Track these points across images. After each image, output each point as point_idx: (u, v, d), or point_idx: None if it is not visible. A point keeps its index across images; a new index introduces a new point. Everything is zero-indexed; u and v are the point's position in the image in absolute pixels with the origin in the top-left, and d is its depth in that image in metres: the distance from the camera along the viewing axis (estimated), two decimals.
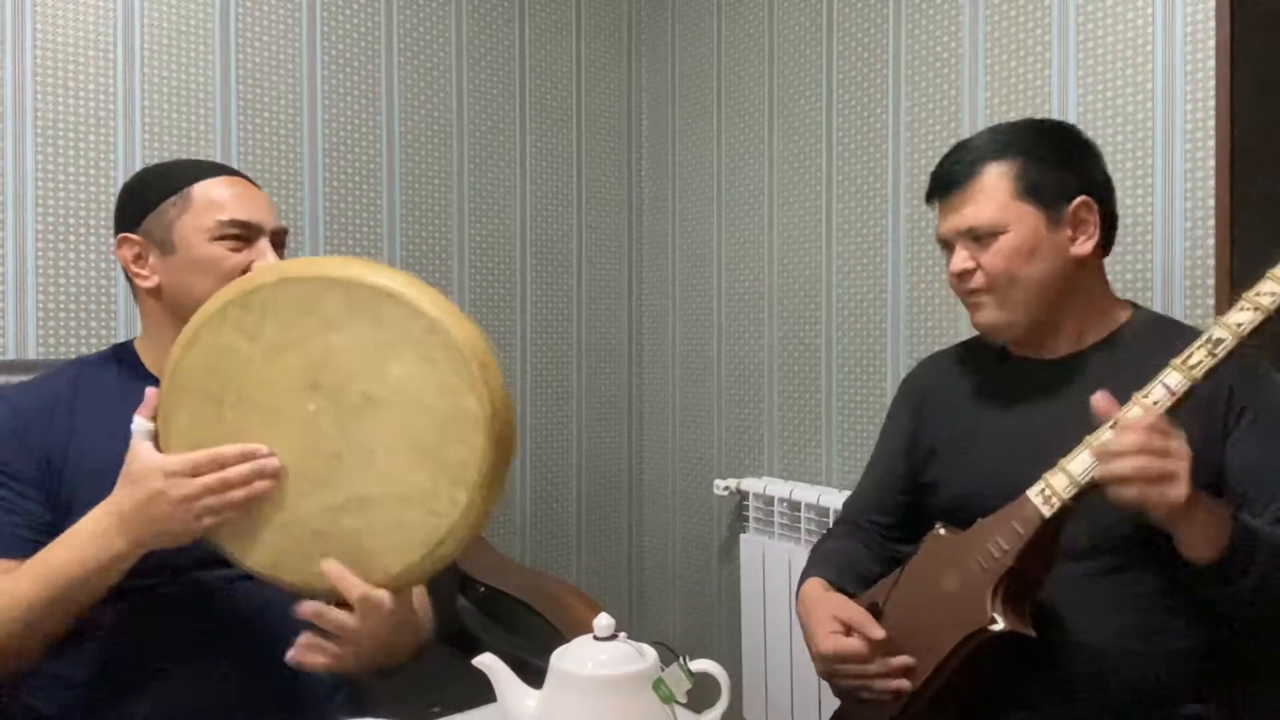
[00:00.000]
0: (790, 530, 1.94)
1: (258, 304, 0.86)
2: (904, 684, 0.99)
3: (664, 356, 2.40)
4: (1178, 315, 1.44)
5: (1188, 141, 1.43)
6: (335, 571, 0.87)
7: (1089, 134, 1.11)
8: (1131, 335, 1.07)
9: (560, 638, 0.95)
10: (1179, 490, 0.82)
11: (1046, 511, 0.91)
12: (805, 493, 1.90)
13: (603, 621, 0.83)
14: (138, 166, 1.69)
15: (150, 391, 0.91)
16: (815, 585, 1.15)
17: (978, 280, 1.06)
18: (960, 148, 1.11)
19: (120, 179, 1.68)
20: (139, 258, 1.08)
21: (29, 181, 1.61)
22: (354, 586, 0.87)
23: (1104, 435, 0.88)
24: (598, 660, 0.80)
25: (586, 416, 2.35)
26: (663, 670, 0.81)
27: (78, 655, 1.00)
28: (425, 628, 1.13)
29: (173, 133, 1.73)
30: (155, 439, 0.90)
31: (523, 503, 2.23)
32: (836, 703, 1.14)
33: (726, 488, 2.12)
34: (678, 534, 2.37)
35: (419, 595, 1.12)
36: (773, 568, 1.95)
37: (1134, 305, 1.14)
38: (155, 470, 0.87)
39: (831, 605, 1.07)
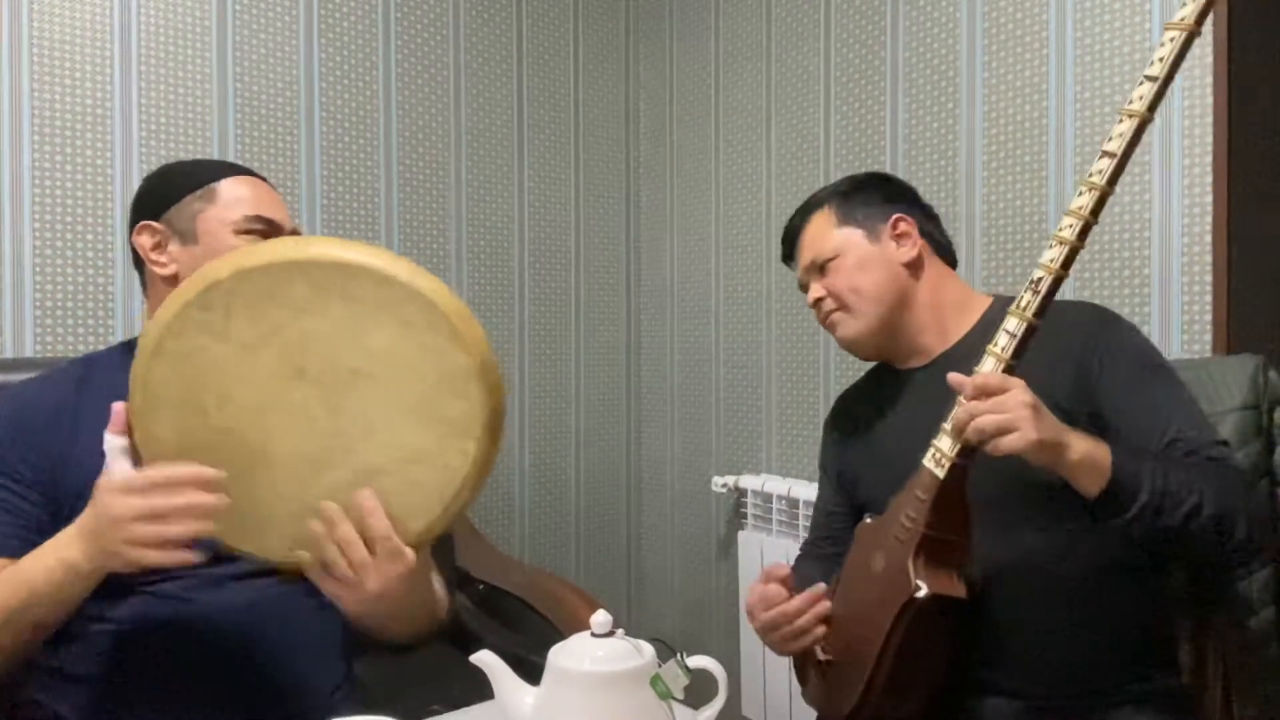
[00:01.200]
0: (788, 527, 1.95)
1: (218, 302, 0.84)
2: (822, 608, 1.07)
3: (662, 354, 2.40)
4: (1175, 313, 1.45)
5: (1185, 138, 1.43)
6: (369, 505, 0.86)
7: (1086, 133, 1.11)
8: (992, 320, 1.14)
9: (559, 635, 0.95)
10: (1025, 433, 0.89)
11: (940, 473, 0.97)
12: (803, 490, 1.90)
13: (600, 618, 0.83)
14: (135, 165, 1.69)
15: (117, 407, 0.88)
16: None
17: (829, 302, 1.22)
18: (794, 214, 1.28)
19: (117, 177, 1.68)
20: (158, 246, 1.09)
21: (25, 180, 1.61)
22: (381, 524, 0.86)
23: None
24: (595, 657, 0.80)
25: (585, 414, 2.35)
26: (660, 667, 0.82)
27: (85, 651, 1.00)
28: (441, 605, 1.13)
29: (170, 131, 1.73)
30: (135, 454, 0.88)
31: (521, 500, 2.23)
32: None
33: (724, 485, 2.12)
34: (676, 531, 2.37)
35: (437, 580, 1.13)
36: (770, 564, 1.95)
37: (996, 297, 1.22)
38: (105, 484, 0.85)
39: (760, 577, 1.16)
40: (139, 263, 1.11)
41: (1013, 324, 0.95)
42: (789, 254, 1.29)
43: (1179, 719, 1.03)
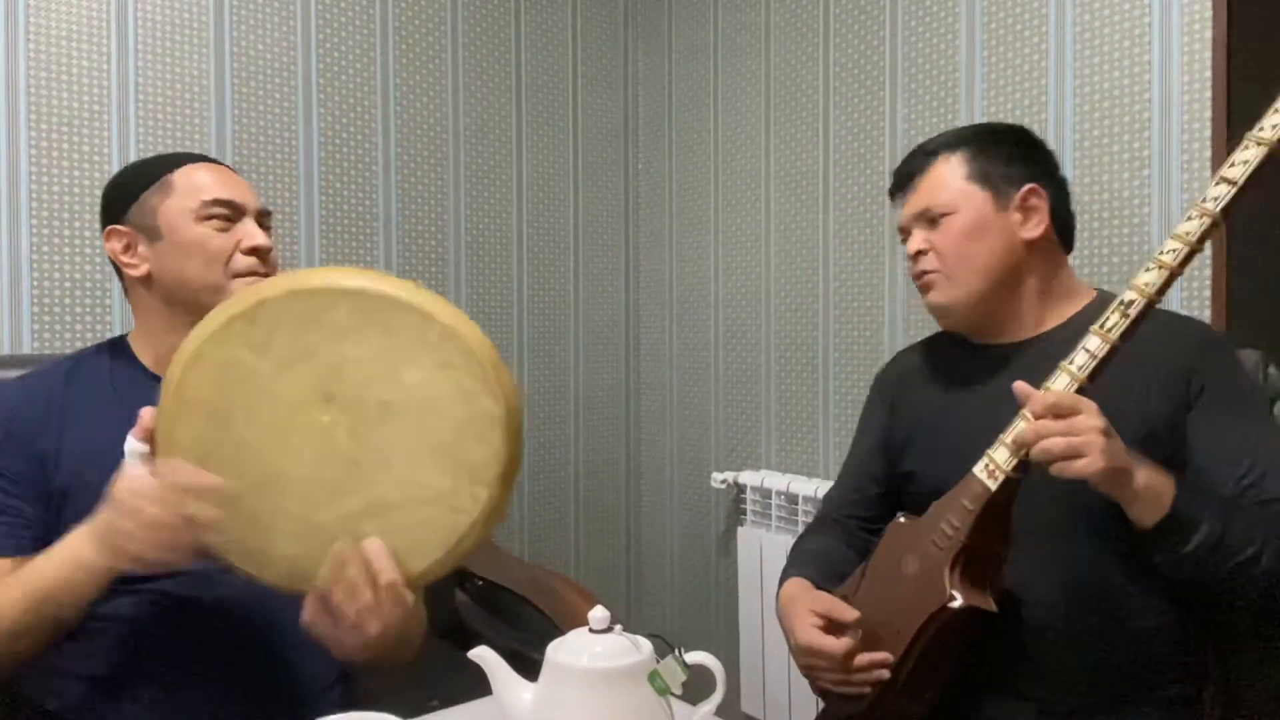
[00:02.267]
0: (787, 523, 1.95)
1: (265, 318, 0.85)
2: (882, 674, 1.00)
3: (661, 350, 2.40)
4: (1174, 307, 1.44)
5: (1185, 134, 1.42)
6: (375, 550, 0.86)
7: (1085, 128, 1.11)
8: (1090, 315, 1.09)
9: (557, 631, 0.95)
10: (1092, 461, 0.86)
11: (991, 485, 0.94)
12: (802, 485, 1.90)
13: (598, 614, 0.83)
14: (132, 160, 1.68)
15: (145, 411, 0.88)
16: (795, 584, 1.17)
17: (931, 260, 1.12)
18: (917, 147, 1.18)
19: (115, 172, 1.68)
20: (128, 248, 1.09)
21: (23, 175, 1.60)
22: (387, 570, 0.86)
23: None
24: (593, 653, 0.80)
25: (584, 410, 2.34)
26: (658, 663, 0.81)
27: (83, 649, 1.00)
28: (422, 633, 1.13)
29: (167, 125, 1.73)
30: (153, 460, 0.88)
31: (521, 497, 2.23)
32: None
33: (724, 481, 2.12)
34: (675, 527, 2.37)
35: (416, 607, 1.12)
36: (770, 560, 1.95)
37: (1100, 291, 1.16)
38: (128, 487, 0.86)
39: (808, 600, 1.09)
40: (117, 268, 1.11)
41: (1094, 344, 0.90)
42: (900, 189, 1.17)
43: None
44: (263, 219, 1.11)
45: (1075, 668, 1.02)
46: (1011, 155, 1.12)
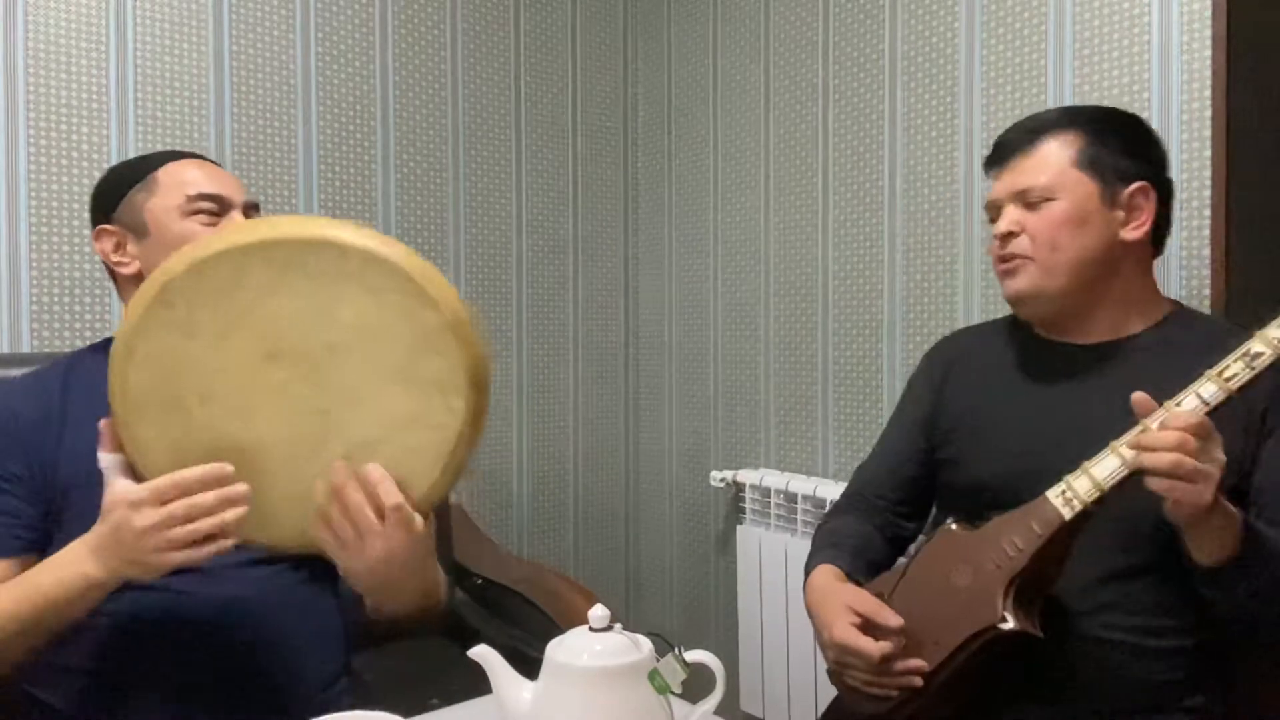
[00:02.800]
0: (787, 522, 1.95)
1: (178, 297, 0.83)
2: (915, 681, 0.98)
3: (660, 348, 2.40)
4: None
5: (1184, 131, 1.42)
6: (376, 475, 0.86)
7: None
8: (1171, 331, 1.06)
9: (557, 629, 0.95)
10: (1205, 493, 0.83)
11: (1067, 514, 0.91)
12: (802, 484, 1.90)
13: (598, 613, 0.83)
14: (132, 157, 1.68)
15: (103, 423, 0.88)
16: (827, 574, 1.12)
17: (1021, 243, 1.05)
18: (1026, 119, 1.10)
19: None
20: (118, 247, 1.10)
21: (21, 173, 1.60)
22: (391, 493, 0.86)
23: (1133, 436, 0.88)
24: (593, 651, 0.80)
25: (583, 408, 2.34)
26: (658, 661, 0.81)
27: (83, 644, 1.00)
28: (439, 585, 1.12)
29: (166, 123, 1.73)
30: (130, 466, 0.87)
31: (520, 494, 2.23)
32: (833, 692, 1.14)
33: (723, 479, 2.12)
34: (675, 525, 2.37)
35: (435, 565, 1.12)
36: (769, 559, 1.95)
37: (1177, 304, 1.12)
38: (119, 500, 0.85)
39: (846, 595, 1.05)
40: (109, 269, 1.11)
41: (1209, 391, 0.86)
42: (1000, 162, 1.10)
43: None
44: (250, 212, 1.11)
45: (1105, 679, 1.00)
46: (1126, 147, 1.05)
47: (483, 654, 0.85)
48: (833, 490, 1.80)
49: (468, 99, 2.11)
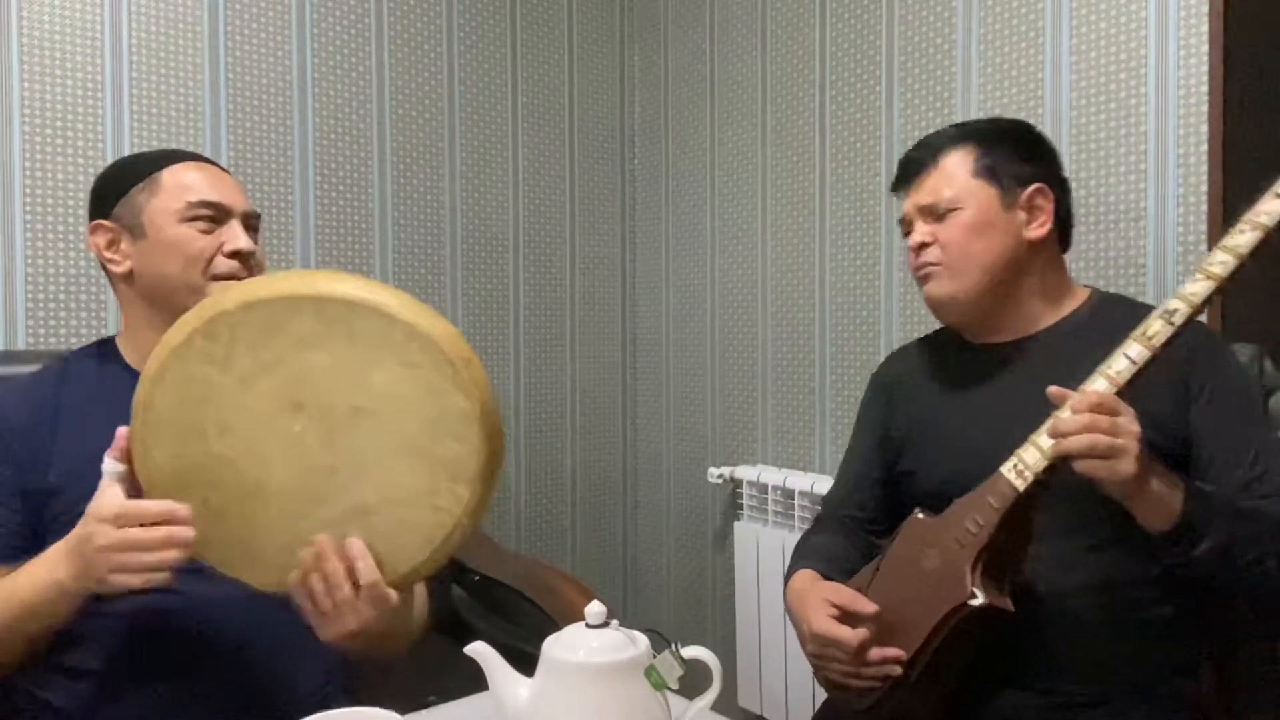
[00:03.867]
0: (784, 518, 1.95)
1: (223, 331, 0.84)
2: (894, 670, 1.00)
3: (658, 345, 2.40)
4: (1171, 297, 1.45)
5: (1181, 128, 1.42)
6: (356, 550, 0.86)
7: (1082, 121, 1.11)
8: (1088, 314, 1.12)
9: (555, 626, 0.95)
10: (1127, 465, 0.87)
11: (1020, 485, 0.94)
12: (799, 480, 1.90)
13: (594, 609, 0.83)
14: (137, 153, 1.68)
15: (120, 431, 0.89)
16: (805, 576, 1.16)
17: (933, 253, 1.12)
18: (924, 140, 1.18)
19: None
20: (112, 243, 1.09)
21: (16, 172, 1.60)
22: (368, 571, 0.87)
23: (1064, 413, 0.92)
24: (589, 648, 0.80)
25: (580, 405, 2.34)
26: (655, 657, 0.82)
27: (79, 643, 1.00)
28: (419, 624, 1.13)
29: (161, 122, 1.72)
30: (132, 480, 0.88)
31: (517, 491, 2.23)
32: None
33: (720, 476, 2.12)
34: (672, 522, 2.37)
35: (419, 591, 1.12)
36: (767, 555, 1.95)
37: (1096, 291, 1.17)
38: (93, 512, 0.86)
39: (823, 590, 1.09)
40: (102, 263, 1.11)
41: (1134, 350, 0.90)
42: (905, 182, 1.17)
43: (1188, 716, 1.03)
44: (249, 221, 1.11)
45: (1082, 660, 1.03)
46: (1019, 153, 1.12)
47: (480, 651, 0.85)
48: (829, 486, 1.80)
49: (464, 97, 2.11)
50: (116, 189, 1.09)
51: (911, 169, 1.16)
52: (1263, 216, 0.88)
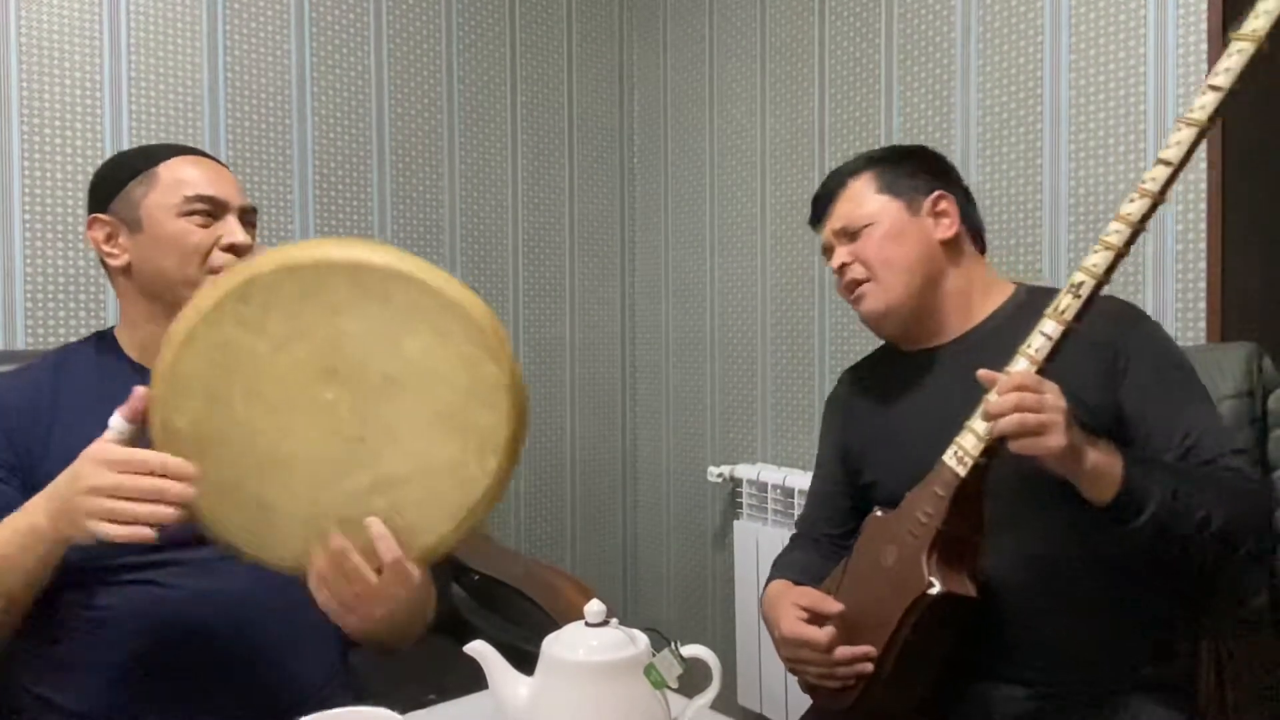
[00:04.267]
0: (784, 516, 1.95)
1: (257, 295, 0.83)
2: (866, 668, 1.02)
3: (657, 344, 2.40)
4: (1169, 300, 1.45)
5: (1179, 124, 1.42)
6: (378, 531, 0.86)
7: (1081, 120, 1.11)
8: (1014, 307, 1.15)
9: (554, 624, 0.95)
10: (1056, 439, 0.89)
11: (961, 471, 0.96)
12: (798, 479, 1.90)
13: (594, 608, 0.83)
14: (135, 148, 1.68)
15: (138, 391, 0.86)
16: (777, 585, 1.21)
17: (857, 270, 1.18)
18: (830, 174, 1.25)
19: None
20: (110, 237, 1.09)
21: (15, 169, 1.60)
22: (391, 550, 0.86)
23: (993, 396, 0.95)
24: (589, 646, 0.80)
25: (580, 404, 2.34)
26: (654, 656, 0.82)
27: (77, 639, 1.00)
28: (430, 612, 1.13)
29: (160, 119, 1.72)
30: (135, 443, 0.86)
31: (517, 490, 2.23)
32: None
33: (720, 475, 2.12)
34: (672, 521, 2.37)
35: (425, 583, 1.13)
36: (766, 554, 1.95)
37: (1023, 285, 1.20)
38: (91, 453, 0.84)
39: (792, 595, 1.12)
40: (101, 258, 1.11)
41: (1049, 326, 0.93)
42: (819, 217, 1.25)
43: (1177, 707, 1.04)
44: (247, 216, 1.11)
45: (1058, 649, 1.04)
46: (916, 169, 1.19)
47: (479, 650, 0.85)
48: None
49: (463, 94, 2.11)
50: (114, 183, 1.09)
51: (823, 201, 1.24)
52: (1149, 183, 0.91)
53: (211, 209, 1.07)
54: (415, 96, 2.04)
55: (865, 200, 1.18)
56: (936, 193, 1.17)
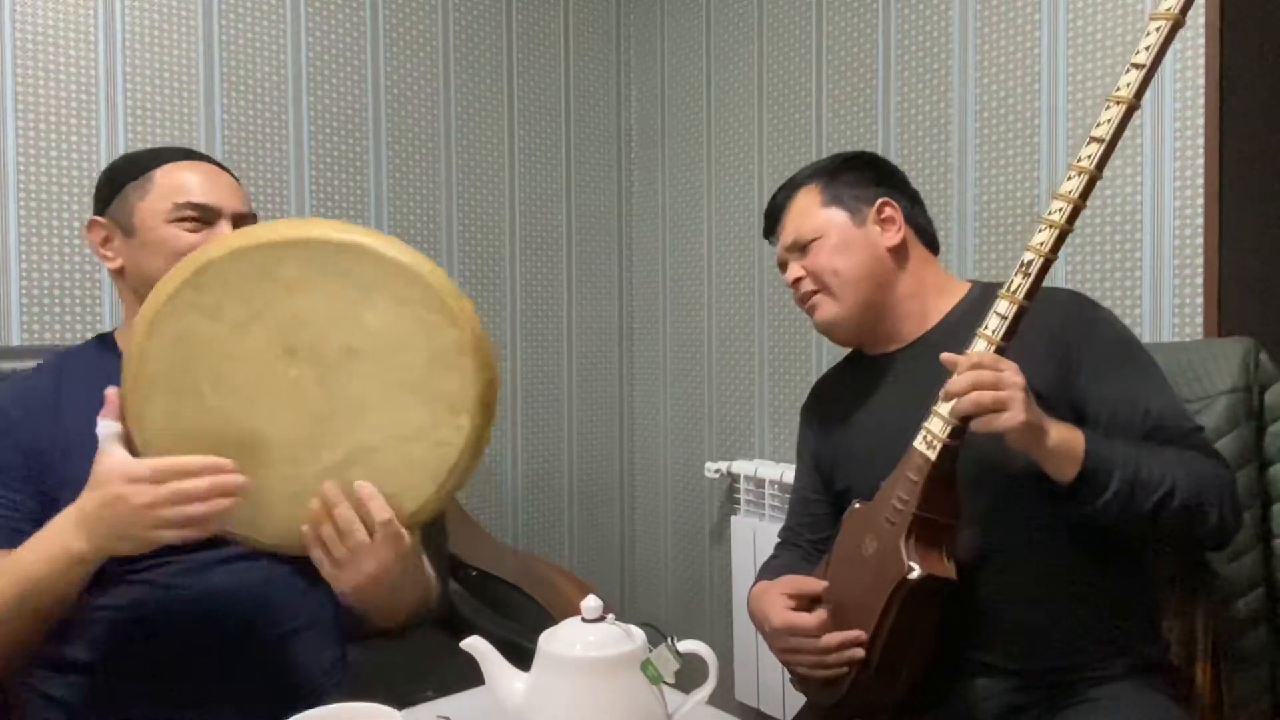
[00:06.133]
0: (781, 512, 1.95)
1: (211, 281, 0.84)
2: (856, 653, 1.03)
3: (654, 340, 2.40)
4: (1167, 296, 1.45)
5: (1177, 123, 1.42)
6: (366, 492, 0.87)
7: (1079, 115, 1.10)
8: (969, 305, 1.17)
9: (551, 620, 0.95)
10: (1015, 414, 0.90)
11: (931, 455, 0.98)
12: None
13: (590, 603, 0.83)
14: (121, 152, 1.67)
15: (110, 392, 0.88)
16: (761, 585, 1.22)
17: (808, 283, 1.20)
18: (778, 189, 1.27)
19: (103, 164, 1.66)
20: (106, 240, 1.10)
21: (10, 167, 1.59)
22: (381, 509, 0.87)
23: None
24: (585, 642, 0.80)
25: (578, 400, 2.34)
26: (651, 651, 0.82)
27: (80, 638, 1.00)
28: (431, 589, 1.14)
29: (156, 117, 1.72)
30: (128, 439, 0.88)
31: (514, 486, 2.23)
32: None
33: (718, 470, 2.12)
34: (669, 516, 2.37)
35: (427, 564, 1.13)
36: (764, 549, 1.95)
37: (977, 283, 1.22)
38: (117, 473, 0.85)
39: (778, 587, 1.13)
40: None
41: (1003, 306, 0.96)
42: (771, 230, 1.28)
43: (1163, 692, 1.04)
44: (241, 222, 1.11)
45: (1037, 637, 1.05)
46: (859, 178, 1.21)
47: (476, 645, 0.85)
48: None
49: (459, 91, 2.11)
50: (112, 187, 1.11)
51: (773, 215, 1.26)
52: (1084, 160, 0.94)
53: (202, 216, 1.08)
54: (412, 93, 2.03)
55: (811, 214, 1.20)
56: (880, 200, 1.19)
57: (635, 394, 2.45)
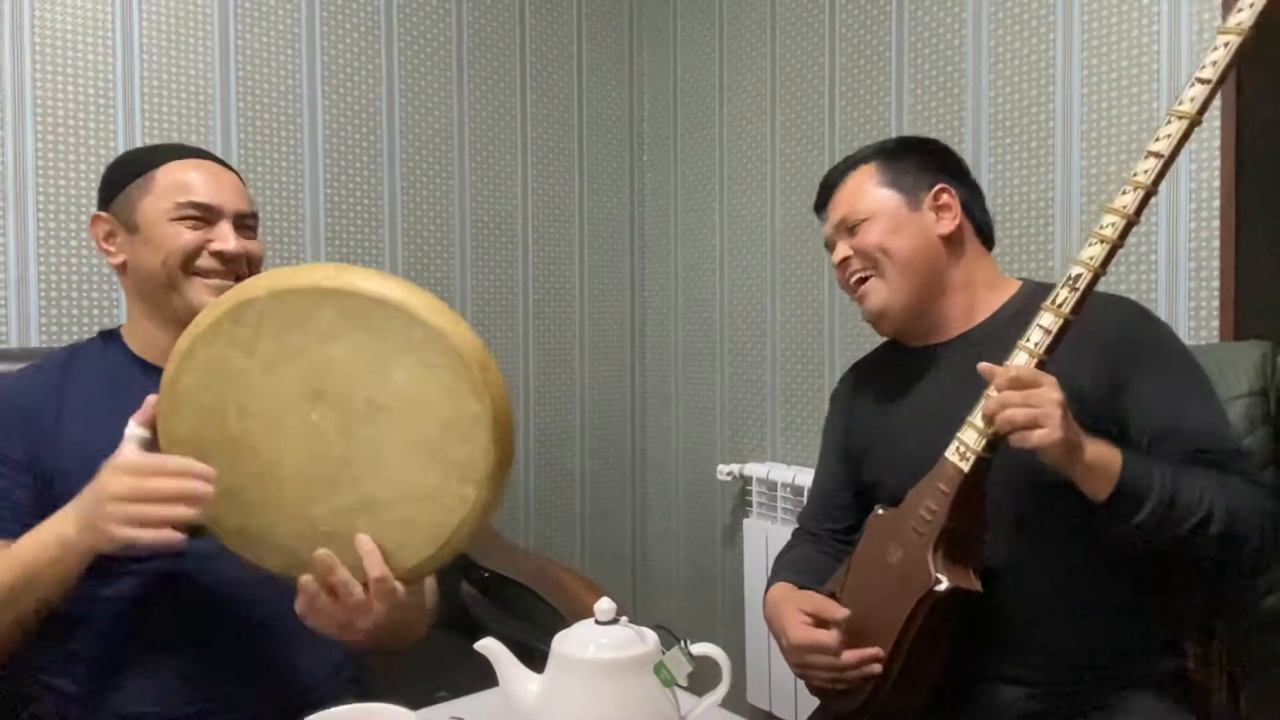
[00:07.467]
0: (793, 514, 1.94)
1: (251, 318, 0.87)
2: (874, 669, 1.01)
3: (667, 342, 2.40)
4: (1183, 299, 1.44)
5: None
6: (366, 546, 0.88)
7: (1094, 117, 1.10)
8: (1018, 304, 1.14)
9: (564, 622, 0.95)
10: (1051, 432, 0.89)
11: (964, 466, 0.96)
12: (808, 477, 1.89)
13: (604, 605, 0.83)
14: (140, 148, 1.68)
15: (149, 399, 0.91)
16: (780, 588, 1.20)
17: (856, 262, 1.17)
18: (834, 166, 1.24)
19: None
20: (109, 236, 1.12)
21: (29, 169, 1.61)
22: (376, 566, 0.88)
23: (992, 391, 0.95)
24: (599, 644, 0.81)
25: (590, 402, 2.35)
26: (664, 654, 0.82)
27: (86, 628, 1.01)
28: (428, 616, 1.14)
29: (172, 119, 1.73)
30: (153, 448, 0.91)
31: (527, 488, 2.24)
32: None
33: (729, 473, 2.12)
34: (681, 519, 2.37)
35: (429, 582, 1.13)
36: (776, 552, 1.94)
37: (1027, 281, 1.19)
38: (110, 462, 0.88)
39: (798, 600, 1.11)
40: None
41: (1047, 319, 0.94)
42: (822, 204, 1.24)
43: (1182, 703, 1.04)
44: (244, 221, 1.12)
45: (1057, 647, 1.04)
46: (919, 162, 1.18)
47: (489, 647, 0.85)
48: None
49: (473, 91, 2.11)
50: (116, 184, 1.12)
51: (825, 192, 1.23)
52: (1141, 175, 0.92)
53: (204, 215, 1.09)
54: (425, 96, 2.04)
55: (866, 193, 1.17)
56: (938, 185, 1.15)
57: (647, 396, 2.45)
